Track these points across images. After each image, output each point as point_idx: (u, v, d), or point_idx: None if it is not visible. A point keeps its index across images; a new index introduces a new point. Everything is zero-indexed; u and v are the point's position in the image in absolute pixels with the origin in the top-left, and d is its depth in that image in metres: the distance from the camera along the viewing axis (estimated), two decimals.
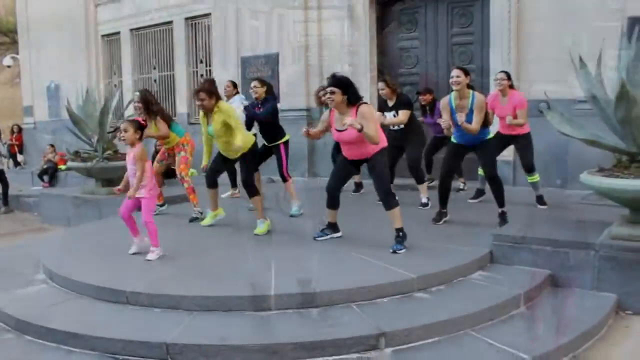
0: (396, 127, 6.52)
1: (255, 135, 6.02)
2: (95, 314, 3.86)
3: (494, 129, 5.71)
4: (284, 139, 6.39)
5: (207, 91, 5.28)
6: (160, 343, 3.34)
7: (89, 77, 12.52)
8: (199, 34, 11.22)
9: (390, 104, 6.57)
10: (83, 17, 12.69)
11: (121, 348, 3.41)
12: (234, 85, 7.72)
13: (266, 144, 6.42)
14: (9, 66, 18.06)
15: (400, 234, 4.65)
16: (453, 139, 5.45)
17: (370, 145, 4.61)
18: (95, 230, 6.17)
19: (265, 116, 6.21)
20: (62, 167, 12.05)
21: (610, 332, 3.75)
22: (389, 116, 6.52)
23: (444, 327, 3.50)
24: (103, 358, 3.42)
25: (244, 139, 5.28)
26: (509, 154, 7.33)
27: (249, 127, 6.39)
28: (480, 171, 6.71)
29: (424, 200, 6.54)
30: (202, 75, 11.21)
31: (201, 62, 11.23)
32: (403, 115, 6.44)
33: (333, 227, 5.12)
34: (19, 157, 14.35)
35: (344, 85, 4.57)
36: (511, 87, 6.32)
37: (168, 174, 10.08)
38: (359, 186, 7.75)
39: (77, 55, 12.85)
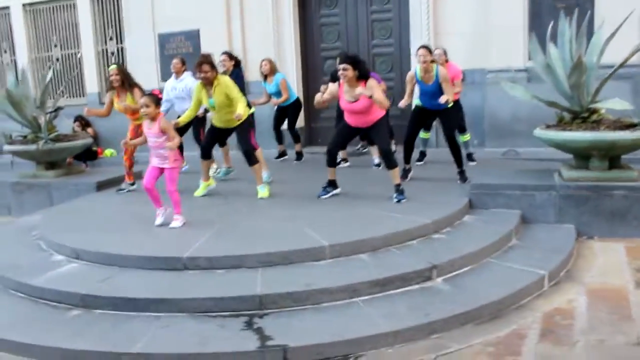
0: None
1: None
2: (161, 281, 4.04)
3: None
4: (250, 111, 6.78)
5: (210, 64, 5.56)
6: (253, 296, 3.72)
7: None
8: (107, 8, 10.83)
9: None
10: None
11: (213, 305, 3.72)
12: (183, 62, 7.80)
13: None
14: None
15: (400, 187, 5.42)
16: (420, 104, 6.23)
17: (374, 113, 5.31)
18: (75, 210, 6.10)
19: None
20: None
21: (581, 253, 4.79)
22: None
23: (472, 257, 4.29)
24: (194, 317, 3.68)
25: (244, 108, 5.62)
26: None
27: None
28: (422, 134, 7.63)
29: (377, 160, 7.30)
30: (112, 53, 10.91)
31: (111, 39, 10.89)
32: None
33: (333, 184, 5.74)
34: None
35: (355, 62, 5.19)
36: (447, 61, 7.25)
37: (91, 155, 9.87)
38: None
39: None
